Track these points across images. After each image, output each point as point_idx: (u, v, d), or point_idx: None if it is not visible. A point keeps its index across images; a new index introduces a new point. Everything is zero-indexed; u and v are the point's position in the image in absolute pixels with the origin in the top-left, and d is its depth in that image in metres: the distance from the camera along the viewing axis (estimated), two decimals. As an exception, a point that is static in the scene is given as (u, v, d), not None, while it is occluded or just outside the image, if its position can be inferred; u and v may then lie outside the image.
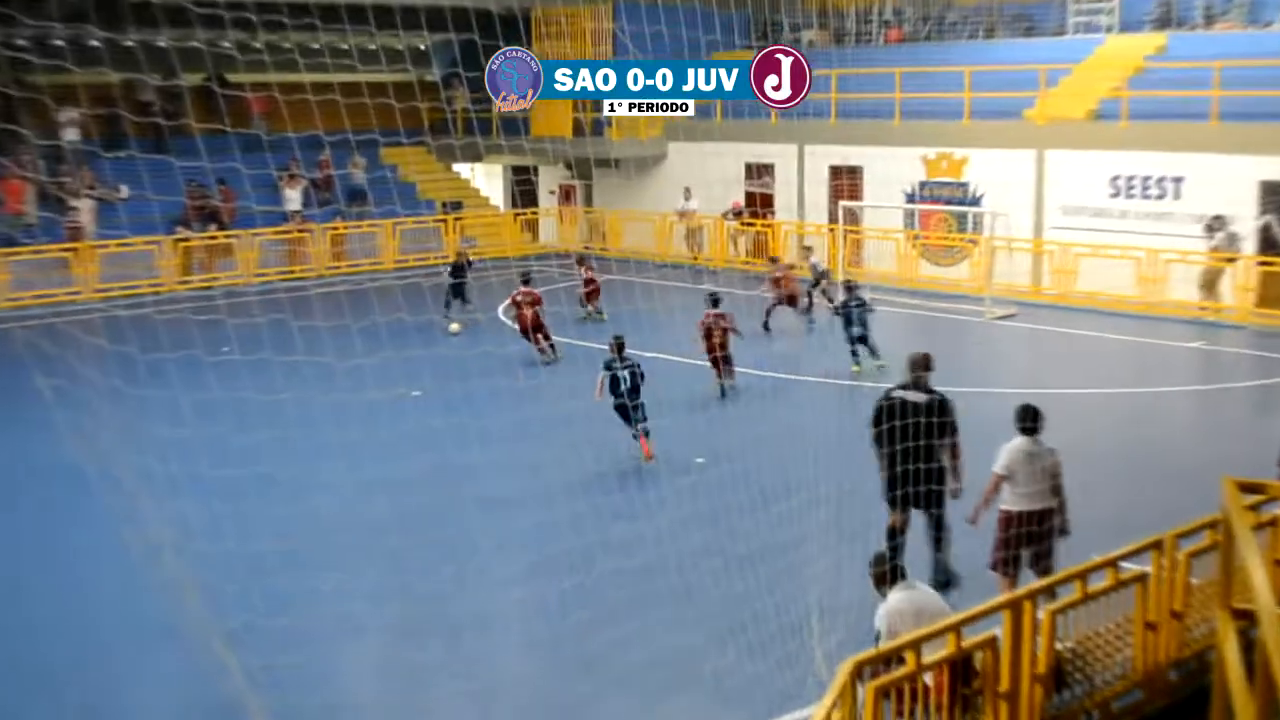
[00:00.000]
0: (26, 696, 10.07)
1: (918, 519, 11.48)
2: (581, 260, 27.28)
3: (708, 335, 19.36)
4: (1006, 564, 10.64)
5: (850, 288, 21.70)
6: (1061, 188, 27.99)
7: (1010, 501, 10.74)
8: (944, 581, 11.22)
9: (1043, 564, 10.56)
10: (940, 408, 11.41)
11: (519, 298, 22.29)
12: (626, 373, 15.95)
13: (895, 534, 11.19)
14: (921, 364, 11.56)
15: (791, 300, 24.57)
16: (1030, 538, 10.60)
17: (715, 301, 19.69)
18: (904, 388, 11.55)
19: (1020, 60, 31.31)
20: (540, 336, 22.01)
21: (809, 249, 27.73)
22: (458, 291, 25.29)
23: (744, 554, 11.55)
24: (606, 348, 16.53)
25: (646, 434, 15.82)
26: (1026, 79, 29.39)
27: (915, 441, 11.04)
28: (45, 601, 11.85)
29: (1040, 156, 28.32)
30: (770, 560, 11.27)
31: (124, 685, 10.36)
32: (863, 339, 20.82)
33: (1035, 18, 34.40)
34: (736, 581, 11.10)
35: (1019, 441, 10.81)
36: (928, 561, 11.30)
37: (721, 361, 19.34)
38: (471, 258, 27.76)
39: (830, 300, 24.20)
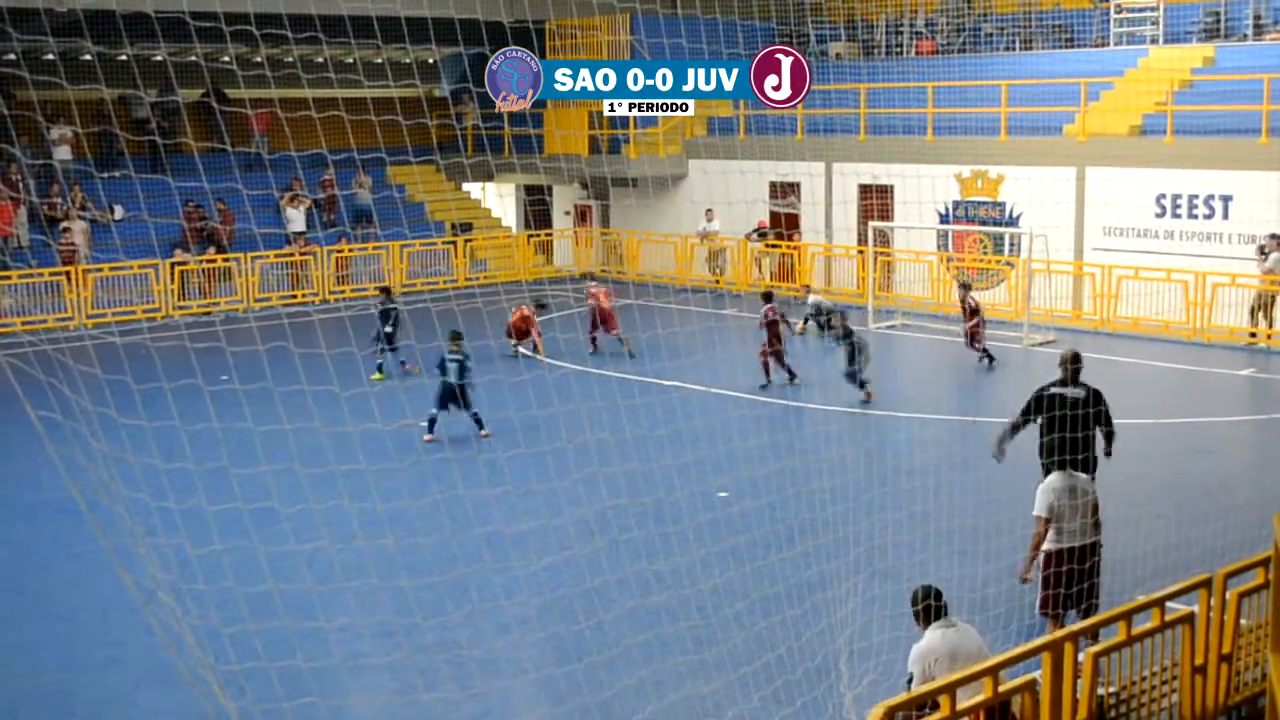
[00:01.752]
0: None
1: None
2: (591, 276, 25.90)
3: (772, 330, 21.66)
4: (1055, 604, 10.63)
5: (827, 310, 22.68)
6: (1103, 207, 27.96)
7: (1053, 540, 10.73)
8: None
9: (1088, 604, 10.56)
10: (1094, 400, 12.21)
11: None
12: (455, 365, 18.10)
13: None
14: (1071, 360, 12.42)
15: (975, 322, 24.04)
16: (1076, 575, 10.59)
17: (769, 297, 22.41)
18: (1058, 384, 12.37)
19: (1060, 73, 31.37)
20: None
21: (966, 287, 25.18)
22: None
23: (769, 594, 11.55)
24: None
25: (477, 417, 18.31)
26: (1066, 93, 29.45)
27: (1071, 433, 11.80)
28: (32, 644, 11.90)
29: (1081, 174, 28.33)
30: (797, 600, 11.27)
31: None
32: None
33: (1075, 28, 34.43)
34: (760, 622, 11.09)
35: (1054, 479, 10.83)
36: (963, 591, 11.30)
37: (780, 357, 21.72)
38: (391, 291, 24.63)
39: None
